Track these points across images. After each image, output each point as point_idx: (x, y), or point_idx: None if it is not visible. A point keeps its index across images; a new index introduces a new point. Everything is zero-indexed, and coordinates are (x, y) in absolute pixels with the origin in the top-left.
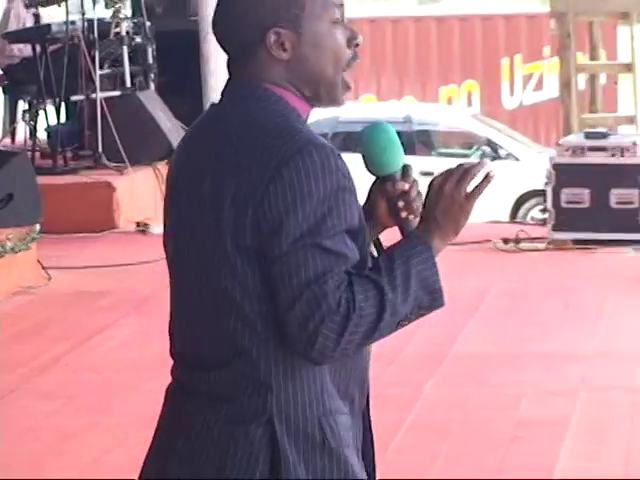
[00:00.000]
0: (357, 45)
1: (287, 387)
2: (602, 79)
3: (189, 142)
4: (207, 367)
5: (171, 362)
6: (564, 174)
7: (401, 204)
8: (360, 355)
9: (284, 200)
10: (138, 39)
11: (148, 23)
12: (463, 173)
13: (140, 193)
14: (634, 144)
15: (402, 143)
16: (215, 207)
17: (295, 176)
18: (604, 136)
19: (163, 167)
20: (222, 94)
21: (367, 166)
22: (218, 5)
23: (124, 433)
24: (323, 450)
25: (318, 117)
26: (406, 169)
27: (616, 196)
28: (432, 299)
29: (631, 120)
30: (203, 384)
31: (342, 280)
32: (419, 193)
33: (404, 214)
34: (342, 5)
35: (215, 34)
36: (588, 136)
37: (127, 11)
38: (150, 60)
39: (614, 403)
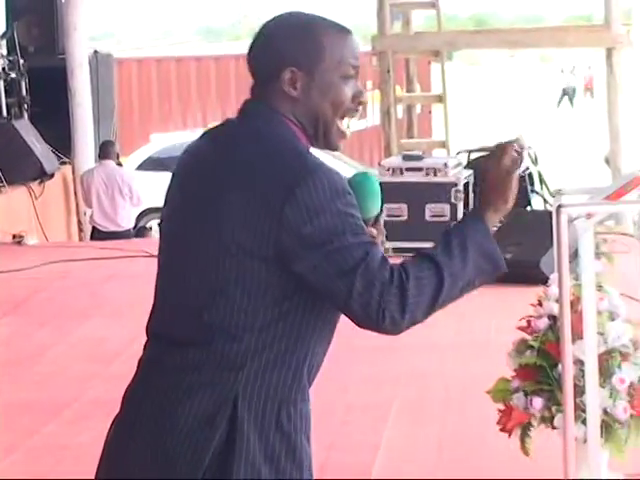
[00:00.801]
0: (361, 103)
1: (257, 372)
2: (418, 109)
3: (203, 148)
4: (190, 344)
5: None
6: (385, 191)
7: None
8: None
9: (299, 218)
10: (13, 74)
11: (22, 60)
12: (501, 151)
13: (16, 209)
14: (445, 165)
15: None
16: (226, 212)
17: (306, 197)
18: (419, 158)
19: (36, 186)
20: (241, 111)
21: None
22: (256, 38)
23: (8, 418)
24: (277, 432)
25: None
26: (377, 218)
27: (430, 210)
28: (492, 263)
29: (443, 144)
30: (183, 359)
31: (383, 260)
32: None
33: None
34: (358, 66)
35: (247, 60)
36: (406, 158)
37: (2, 49)
38: (24, 93)
39: (428, 387)
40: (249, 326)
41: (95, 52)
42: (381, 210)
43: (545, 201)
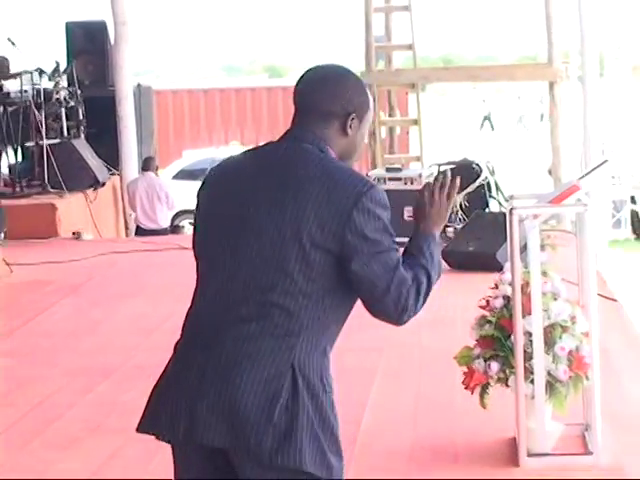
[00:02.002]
0: None
1: (307, 344)
2: (397, 130)
3: (252, 158)
4: (252, 319)
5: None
6: None
7: None
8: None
9: (364, 221)
10: (72, 102)
11: (79, 91)
12: (441, 183)
13: (74, 211)
14: (420, 175)
15: None
16: (300, 210)
17: (370, 204)
18: (399, 170)
19: (91, 193)
20: (288, 136)
21: None
22: (316, 82)
23: (66, 381)
24: (323, 393)
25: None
26: None
27: (407, 212)
28: (440, 269)
29: (418, 159)
30: (246, 331)
31: (403, 265)
32: None
33: None
34: None
35: (304, 99)
36: (388, 170)
37: (64, 82)
38: (81, 117)
39: (407, 355)
40: (304, 305)
41: (138, 85)
42: None
43: (500, 204)
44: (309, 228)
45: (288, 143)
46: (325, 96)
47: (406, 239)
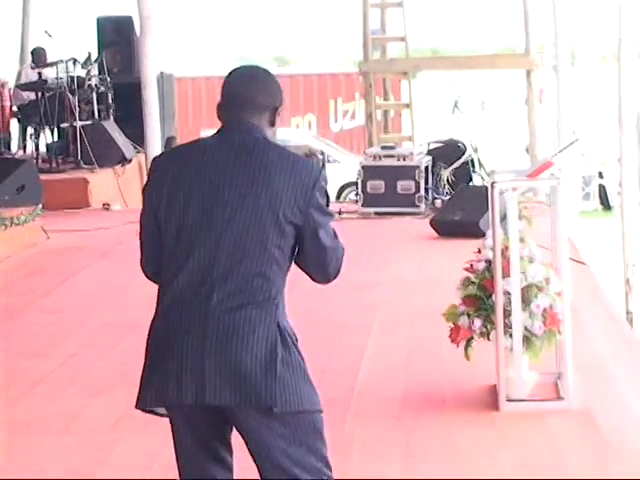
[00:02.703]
0: None
1: (282, 306)
2: (391, 113)
3: (208, 149)
4: (240, 290)
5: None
6: (368, 172)
7: None
8: None
9: (320, 200)
10: (102, 88)
11: (108, 78)
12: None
13: (105, 185)
14: (411, 153)
15: None
16: (273, 190)
17: (322, 186)
18: (393, 148)
19: (119, 168)
20: (228, 127)
21: None
22: (250, 77)
23: (98, 334)
24: (296, 340)
25: None
26: None
27: (401, 186)
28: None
29: (409, 138)
30: (236, 301)
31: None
32: None
33: None
34: None
35: (241, 92)
36: (383, 148)
37: (95, 71)
38: (110, 101)
39: (399, 313)
40: (276, 272)
41: (161, 73)
42: None
43: (482, 179)
44: (282, 207)
45: (240, 134)
46: (258, 91)
47: (400, 209)
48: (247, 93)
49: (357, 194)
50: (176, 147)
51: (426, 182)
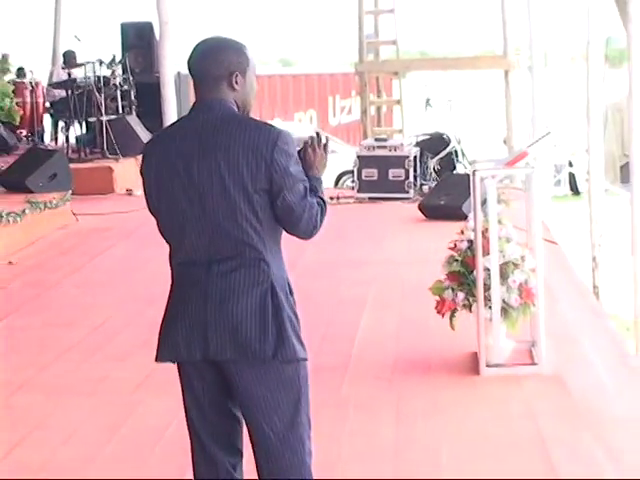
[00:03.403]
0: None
1: (275, 264)
2: (384, 108)
3: (188, 131)
4: (231, 257)
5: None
6: (363, 161)
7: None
8: None
9: (283, 161)
10: (125, 87)
11: (131, 78)
12: (319, 141)
13: (128, 172)
14: (401, 144)
15: None
16: (234, 165)
17: (284, 144)
18: (385, 140)
19: (140, 158)
20: (198, 106)
21: None
22: (201, 54)
23: (122, 306)
24: (291, 295)
25: None
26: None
27: (392, 173)
28: (326, 205)
29: (400, 131)
30: (230, 267)
31: (309, 194)
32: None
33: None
34: None
35: (196, 69)
36: (376, 140)
37: (119, 70)
38: (132, 98)
39: (390, 288)
40: (261, 237)
41: (178, 73)
42: None
43: (465, 167)
44: (247, 179)
45: (203, 113)
46: (207, 64)
47: (391, 194)
48: (200, 69)
49: (353, 181)
50: (160, 131)
51: (415, 170)
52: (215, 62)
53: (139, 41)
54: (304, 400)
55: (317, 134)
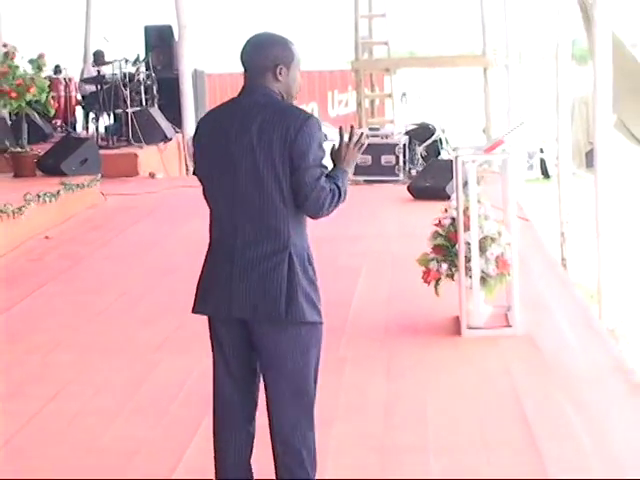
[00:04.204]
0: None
1: (297, 239)
2: (377, 101)
3: (233, 112)
4: (254, 226)
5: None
6: None
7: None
8: None
9: (306, 142)
10: (148, 82)
11: (153, 74)
12: (353, 136)
13: (150, 158)
14: (392, 133)
15: None
16: (268, 146)
17: (310, 129)
18: (378, 129)
19: (162, 145)
20: (244, 91)
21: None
22: (252, 46)
23: (145, 275)
24: (310, 265)
25: None
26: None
27: (384, 159)
28: (345, 195)
29: (391, 121)
30: (259, 245)
31: (325, 179)
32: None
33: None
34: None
35: (246, 60)
36: (370, 129)
37: (143, 68)
38: (154, 92)
39: (382, 259)
40: (287, 211)
41: (195, 70)
42: None
43: (448, 153)
44: (274, 154)
45: (247, 97)
46: (255, 55)
47: (383, 177)
48: (249, 59)
49: None
50: (211, 109)
51: (404, 156)
52: (262, 54)
53: (160, 42)
54: (313, 359)
55: (352, 132)
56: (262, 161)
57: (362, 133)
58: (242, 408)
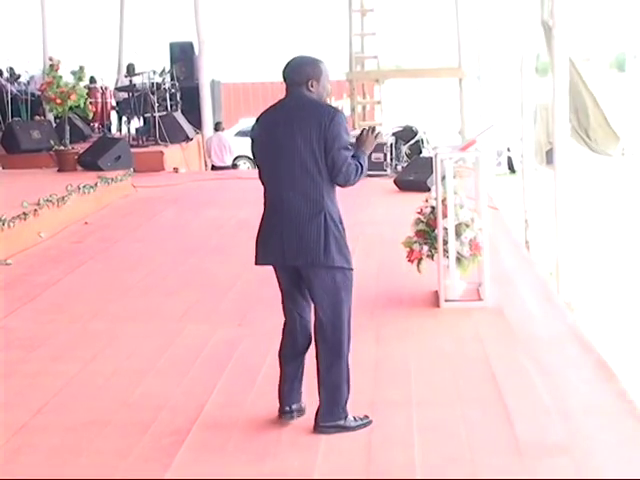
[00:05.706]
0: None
1: (330, 203)
2: (368, 107)
3: (279, 110)
4: (298, 194)
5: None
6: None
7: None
8: None
9: (336, 129)
10: (173, 90)
11: (177, 83)
12: (373, 129)
13: (174, 155)
14: (380, 134)
15: None
16: (306, 133)
17: (338, 120)
18: None
19: (184, 144)
20: (287, 96)
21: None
22: (290, 66)
23: (171, 255)
24: (340, 224)
25: None
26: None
27: (374, 156)
28: (366, 169)
29: (380, 124)
30: (302, 207)
31: (351, 158)
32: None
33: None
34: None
35: (286, 76)
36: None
37: (168, 78)
38: (178, 99)
39: (373, 241)
40: (322, 182)
41: (212, 80)
42: None
43: (429, 151)
44: (312, 139)
45: (289, 100)
46: (293, 73)
47: (373, 172)
48: (288, 76)
49: None
50: (265, 109)
51: (391, 154)
52: (297, 72)
53: (183, 56)
54: (345, 300)
55: (372, 128)
56: (302, 145)
57: (377, 129)
58: (301, 329)
